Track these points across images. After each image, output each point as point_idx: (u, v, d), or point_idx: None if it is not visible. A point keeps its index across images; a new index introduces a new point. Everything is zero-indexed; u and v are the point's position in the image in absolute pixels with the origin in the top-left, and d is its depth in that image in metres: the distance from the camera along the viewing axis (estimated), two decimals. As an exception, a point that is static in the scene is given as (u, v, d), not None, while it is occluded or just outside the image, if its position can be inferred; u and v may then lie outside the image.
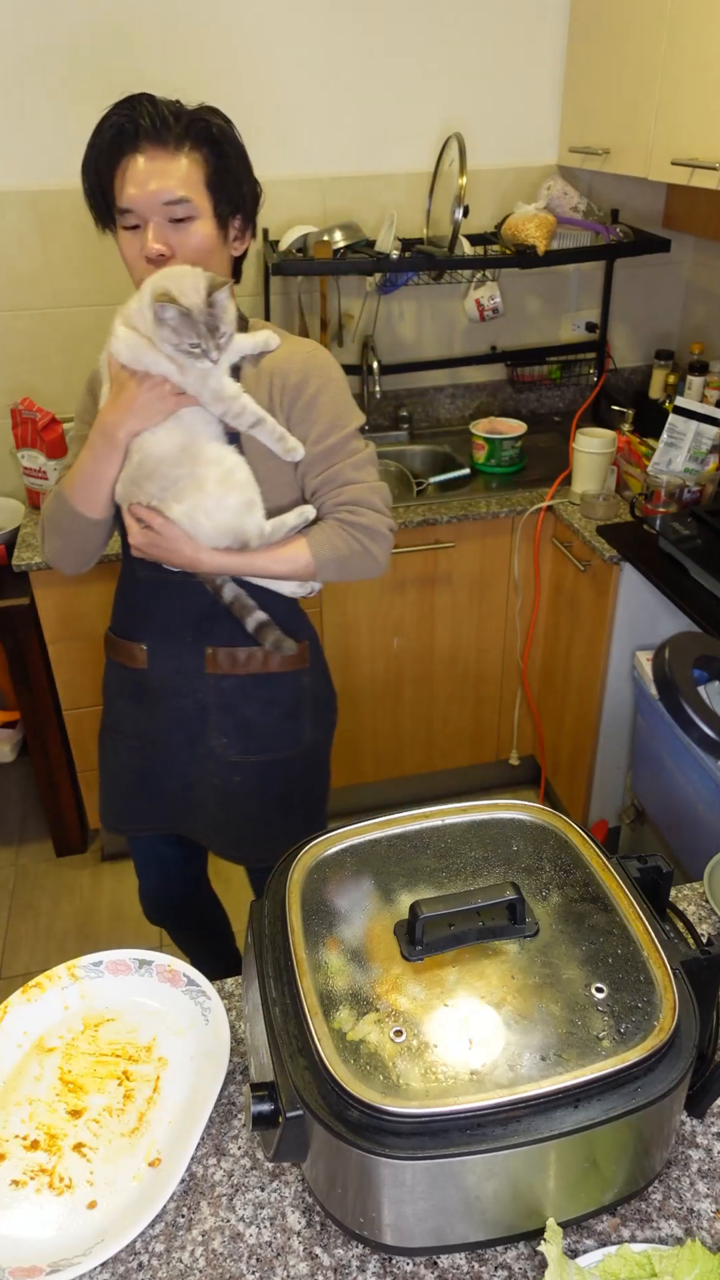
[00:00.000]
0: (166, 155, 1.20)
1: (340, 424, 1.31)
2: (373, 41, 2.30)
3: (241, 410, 1.24)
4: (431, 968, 0.79)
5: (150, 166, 1.20)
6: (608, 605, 2.14)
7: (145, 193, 1.20)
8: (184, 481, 1.25)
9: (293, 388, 1.28)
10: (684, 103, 1.94)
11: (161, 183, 1.20)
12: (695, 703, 0.90)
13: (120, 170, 1.21)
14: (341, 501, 1.32)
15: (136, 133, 1.20)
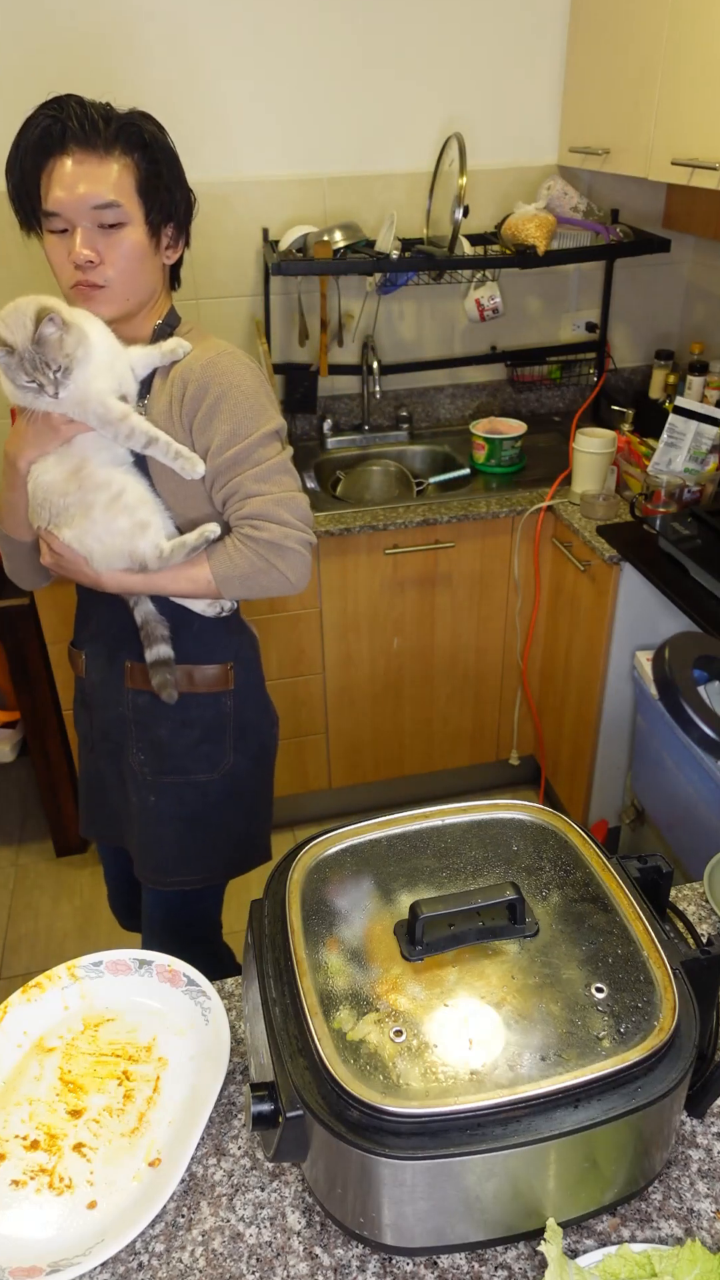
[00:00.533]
0: (96, 159, 1.17)
1: (242, 432, 1.25)
2: (373, 41, 2.30)
3: (131, 431, 1.21)
4: (431, 968, 0.79)
5: (79, 170, 1.17)
6: (608, 605, 2.14)
7: (74, 196, 1.16)
8: (72, 508, 1.24)
9: (191, 397, 1.24)
10: (684, 103, 1.94)
11: (91, 186, 1.17)
12: (695, 703, 0.90)
13: (47, 172, 1.18)
14: (244, 515, 1.27)
15: (64, 134, 1.17)
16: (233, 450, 1.25)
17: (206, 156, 2.32)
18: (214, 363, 1.25)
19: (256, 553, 1.27)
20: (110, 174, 1.18)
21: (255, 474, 1.26)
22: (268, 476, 1.26)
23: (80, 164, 1.17)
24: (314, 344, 2.56)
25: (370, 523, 2.20)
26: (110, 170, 1.18)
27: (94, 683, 1.46)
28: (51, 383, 1.14)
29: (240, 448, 1.25)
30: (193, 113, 2.26)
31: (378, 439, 2.70)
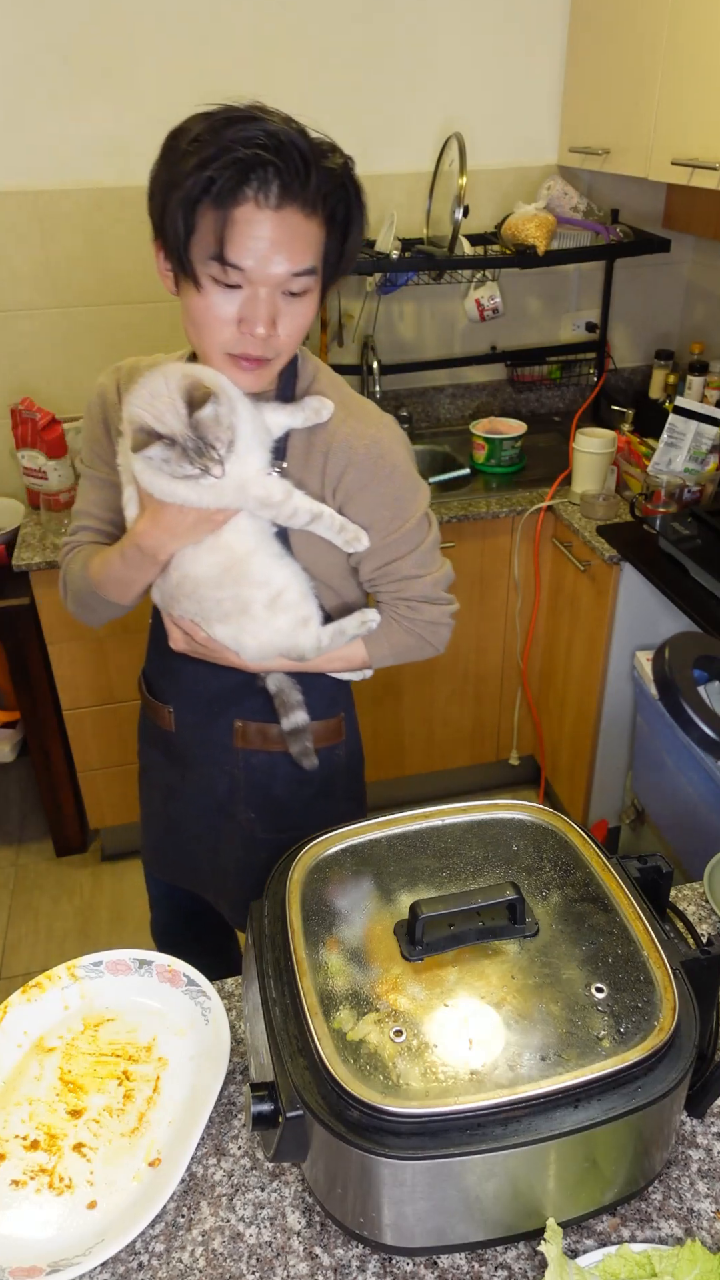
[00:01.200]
0: (302, 216, 0.96)
1: (403, 515, 1.16)
2: (373, 41, 2.30)
3: (294, 512, 1.10)
4: (431, 968, 0.79)
5: (284, 228, 0.95)
6: (608, 605, 2.14)
7: (270, 258, 0.96)
8: (227, 604, 1.13)
9: (354, 480, 1.13)
10: (684, 103, 1.94)
11: (293, 251, 0.97)
12: (695, 703, 0.90)
13: (236, 219, 0.94)
14: (403, 597, 1.22)
15: (273, 177, 0.94)
16: (394, 535, 1.17)
17: (206, 156, 2.32)
18: (378, 442, 1.13)
19: (412, 632, 1.23)
20: (312, 234, 0.98)
21: (415, 558, 1.19)
22: (425, 559, 1.21)
23: (286, 222, 0.96)
24: (314, 344, 2.56)
25: (370, 523, 2.20)
26: (312, 230, 0.98)
27: (188, 740, 1.35)
28: (219, 462, 1.00)
29: (401, 532, 1.17)
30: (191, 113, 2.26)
31: (378, 439, 2.69)
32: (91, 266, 2.36)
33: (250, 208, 0.94)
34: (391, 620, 1.23)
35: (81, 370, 2.48)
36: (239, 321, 1.00)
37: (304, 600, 1.17)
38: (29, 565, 2.09)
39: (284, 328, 1.02)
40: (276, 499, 1.09)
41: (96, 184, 2.28)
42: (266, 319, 0.99)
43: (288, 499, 1.10)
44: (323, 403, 1.12)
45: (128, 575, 1.15)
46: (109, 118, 2.23)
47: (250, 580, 1.13)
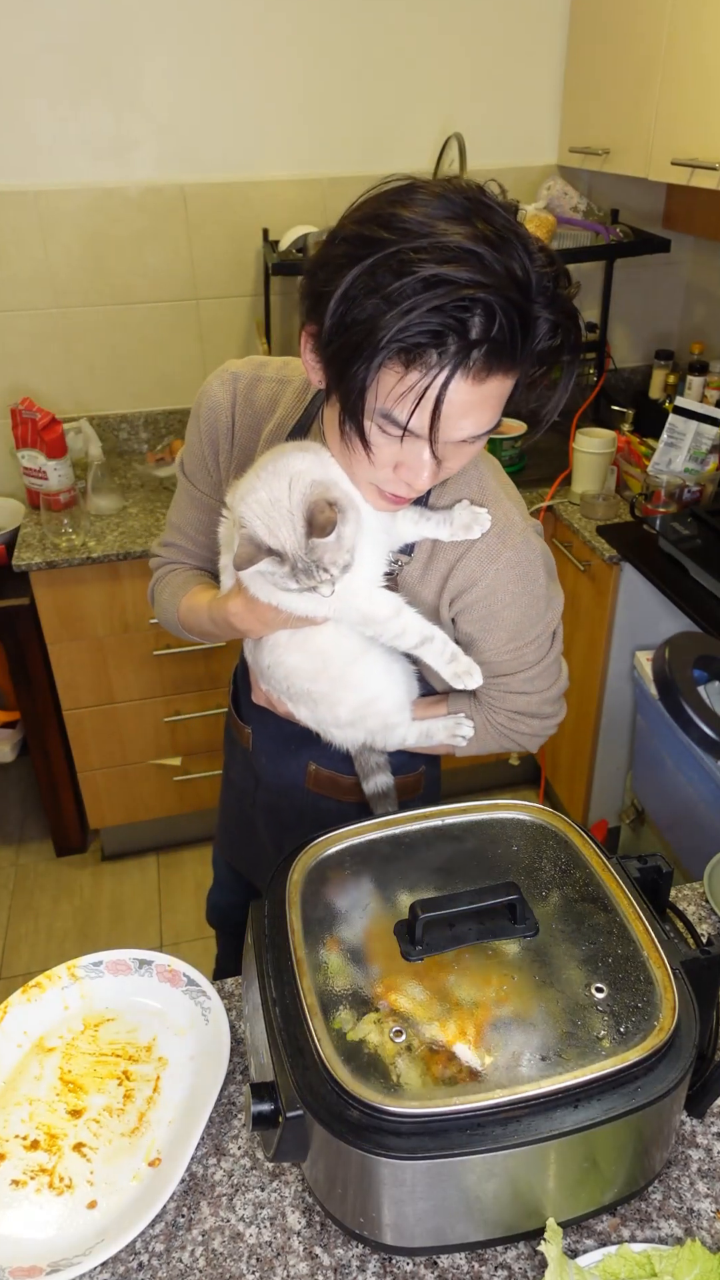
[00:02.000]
0: (498, 380, 0.81)
1: (524, 636, 1.06)
2: (373, 42, 2.30)
3: (401, 631, 0.99)
4: (431, 968, 0.79)
5: (477, 399, 0.81)
6: (608, 605, 2.14)
7: (450, 429, 0.83)
8: (316, 696, 1.07)
9: (478, 601, 1.02)
10: (684, 103, 1.94)
11: (479, 417, 0.83)
12: (695, 703, 0.90)
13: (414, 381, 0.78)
14: (508, 709, 1.13)
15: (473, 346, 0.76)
16: (507, 656, 1.07)
17: (207, 157, 2.32)
18: (511, 564, 1.01)
19: (507, 737, 1.15)
20: (504, 392, 0.84)
21: (527, 676, 1.10)
22: (539, 677, 1.11)
23: (483, 392, 0.81)
24: (314, 344, 2.56)
25: (370, 523, 2.20)
26: (506, 388, 0.84)
27: (263, 765, 1.29)
28: (330, 582, 0.90)
29: (514, 653, 1.07)
30: (193, 112, 2.26)
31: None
32: (91, 266, 2.36)
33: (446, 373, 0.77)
34: (487, 724, 1.14)
35: (81, 370, 2.48)
36: (396, 466, 0.88)
37: (397, 711, 1.09)
38: (29, 565, 2.09)
39: (445, 472, 0.90)
40: (382, 616, 0.99)
41: (96, 184, 2.28)
42: (432, 474, 0.87)
43: (395, 617, 0.99)
44: (476, 516, 0.99)
45: (215, 634, 1.12)
46: (109, 118, 2.23)
47: (345, 684, 1.05)
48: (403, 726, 1.11)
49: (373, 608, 0.98)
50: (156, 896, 2.50)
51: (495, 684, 1.11)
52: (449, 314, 0.74)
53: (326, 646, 1.02)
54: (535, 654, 1.09)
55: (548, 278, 0.78)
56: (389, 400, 0.80)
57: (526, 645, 1.07)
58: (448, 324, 0.74)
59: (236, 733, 1.34)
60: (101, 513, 2.29)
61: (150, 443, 2.61)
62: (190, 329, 2.48)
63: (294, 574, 0.89)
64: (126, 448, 2.61)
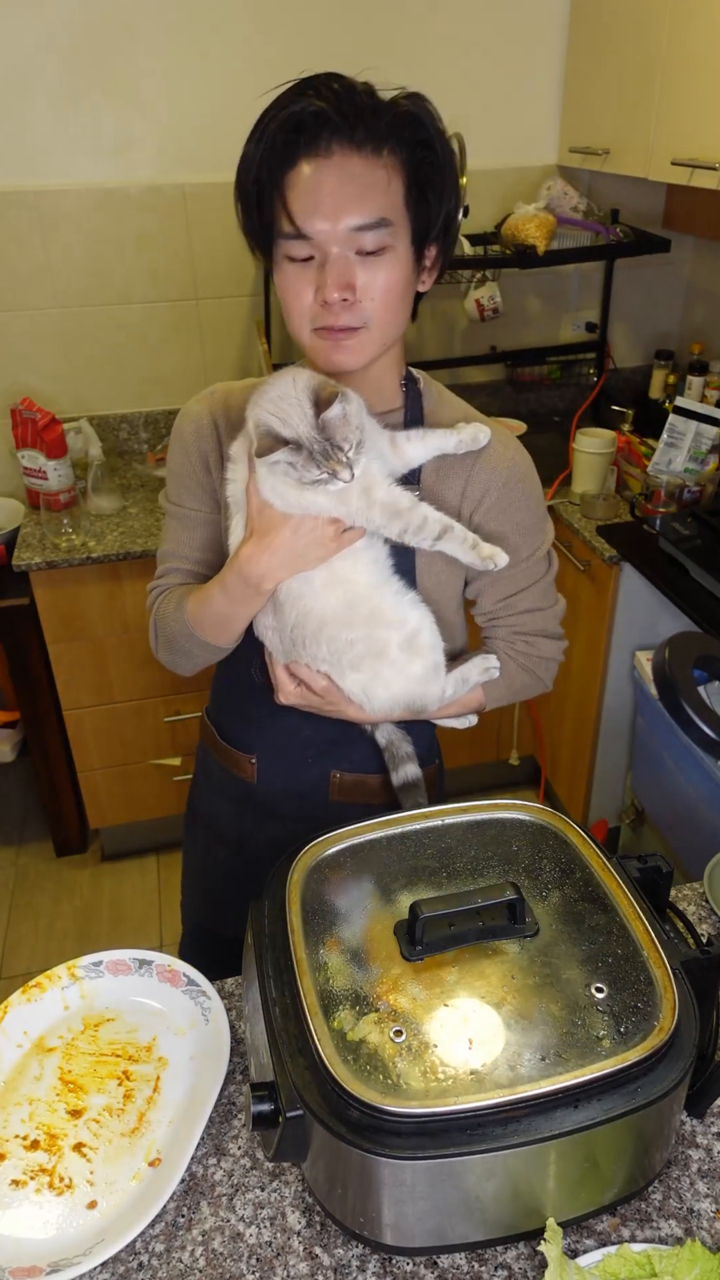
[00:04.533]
0: (362, 161, 0.89)
1: (534, 543, 1.11)
2: (373, 41, 2.30)
3: (423, 522, 0.99)
4: (431, 968, 0.79)
5: (339, 176, 0.88)
6: (608, 605, 2.14)
7: (330, 214, 0.89)
8: (360, 646, 1.03)
9: (493, 507, 1.07)
10: (684, 103, 1.94)
11: (356, 201, 0.89)
12: (695, 703, 0.90)
13: (292, 182, 0.89)
14: (522, 631, 1.16)
15: (322, 127, 0.87)
16: (521, 565, 1.11)
17: (207, 157, 2.32)
18: (515, 467, 1.07)
19: (529, 670, 1.18)
20: (380, 181, 0.90)
21: (538, 589, 1.15)
22: (548, 592, 1.17)
23: (340, 168, 0.88)
24: (314, 344, 2.56)
25: (370, 523, 2.20)
26: (380, 175, 0.89)
27: (274, 792, 1.24)
28: (347, 465, 0.93)
29: (527, 564, 1.12)
30: (193, 112, 2.26)
31: (378, 439, 2.69)
32: (91, 266, 2.36)
33: (303, 165, 0.88)
34: (508, 659, 1.17)
35: (81, 370, 2.48)
36: (316, 292, 0.93)
37: (438, 643, 1.07)
38: (29, 565, 2.09)
39: (366, 291, 0.93)
40: (403, 506, 0.99)
41: (96, 184, 2.28)
42: (338, 281, 0.91)
43: (415, 508, 0.99)
44: (480, 429, 1.05)
45: (228, 611, 1.05)
46: (109, 118, 2.23)
47: (383, 619, 1.03)
48: (444, 669, 1.09)
49: (393, 499, 0.99)
50: (156, 896, 2.50)
51: (510, 604, 1.15)
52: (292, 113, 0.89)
53: (346, 574, 1.01)
54: (543, 564, 1.15)
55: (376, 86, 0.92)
56: (281, 221, 0.92)
57: (538, 553, 1.13)
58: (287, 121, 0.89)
59: (232, 768, 1.25)
60: (101, 513, 2.29)
61: (150, 443, 2.61)
62: (190, 329, 2.48)
63: (313, 460, 0.92)
64: (126, 448, 2.61)
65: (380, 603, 1.03)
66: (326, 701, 1.09)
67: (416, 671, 1.06)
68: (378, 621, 1.03)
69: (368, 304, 0.94)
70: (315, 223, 0.89)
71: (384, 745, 1.18)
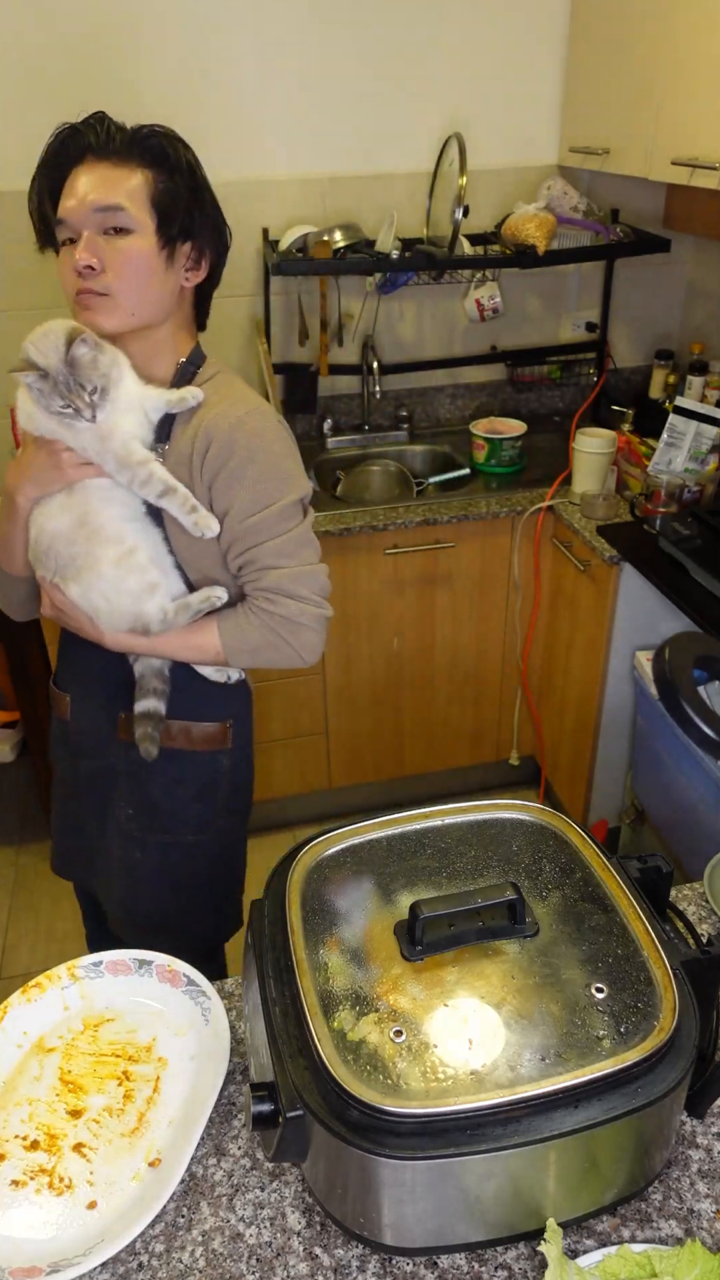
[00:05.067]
0: (109, 166, 1.13)
1: (264, 500, 1.19)
2: (373, 41, 2.30)
3: (148, 478, 1.15)
4: (431, 968, 0.79)
5: (90, 177, 1.13)
6: (608, 605, 2.14)
7: (81, 201, 1.12)
8: (79, 560, 1.18)
9: (214, 456, 1.17)
10: (684, 103, 1.94)
11: (100, 191, 1.12)
12: (695, 703, 0.90)
13: (65, 187, 1.15)
14: (261, 587, 1.22)
15: (82, 147, 1.14)
16: (253, 518, 1.19)
17: (207, 156, 2.31)
18: (242, 423, 1.18)
19: (269, 627, 1.22)
20: (122, 179, 1.13)
21: (275, 546, 1.20)
22: (288, 549, 1.21)
23: (92, 172, 1.13)
24: (314, 344, 2.56)
25: (370, 523, 2.20)
26: (123, 176, 1.13)
27: (80, 729, 1.39)
28: (88, 405, 1.09)
29: (261, 516, 1.19)
30: (193, 112, 2.26)
31: (378, 439, 2.70)
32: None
33: (69, 175, 1.15)
34: (249, 613, 1.23)
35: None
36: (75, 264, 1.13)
37: (154, 565, 1.20)
38: (29, 565, 2.09)
39: (112, 263, 1.13)
40: (134, 460, 1.14)
41: (96, 184, 2.28)
42: (86, 251, 1.12)
43: (144, 464, 1.14)
44: (193, 392, 1.19)
45: (7, 530, 1.23)
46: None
47: (102, 537, 1.18)
48: (162, 590, 1.21)
49: (127, 453, 1.14)
50: (156, 896, 2.50)
51: (248, 559, 1.21)
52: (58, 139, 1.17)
53: (83, 499, 1.17)
54: (282, 523, 1.20)
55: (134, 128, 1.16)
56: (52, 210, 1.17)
57: (270, 510, 1.19)
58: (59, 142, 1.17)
59: (57, 708, 1.43)
60: (101, 513, 2.29)
61: (150, 443, 2.60)
62: (190, 329, 2.48)
63: (56, 389, 1.09)
64: (126, 448, 2.60)
65: (104, 524, 1.18)
66: (67, 615, 1.24)
67: (131, 586, 1.19)
68: (96, 539, 1.18)
69: (111, 275, 1.13)
70: (69, 209, 1.13)
71: (138, 676, 1.30)
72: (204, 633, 1.23)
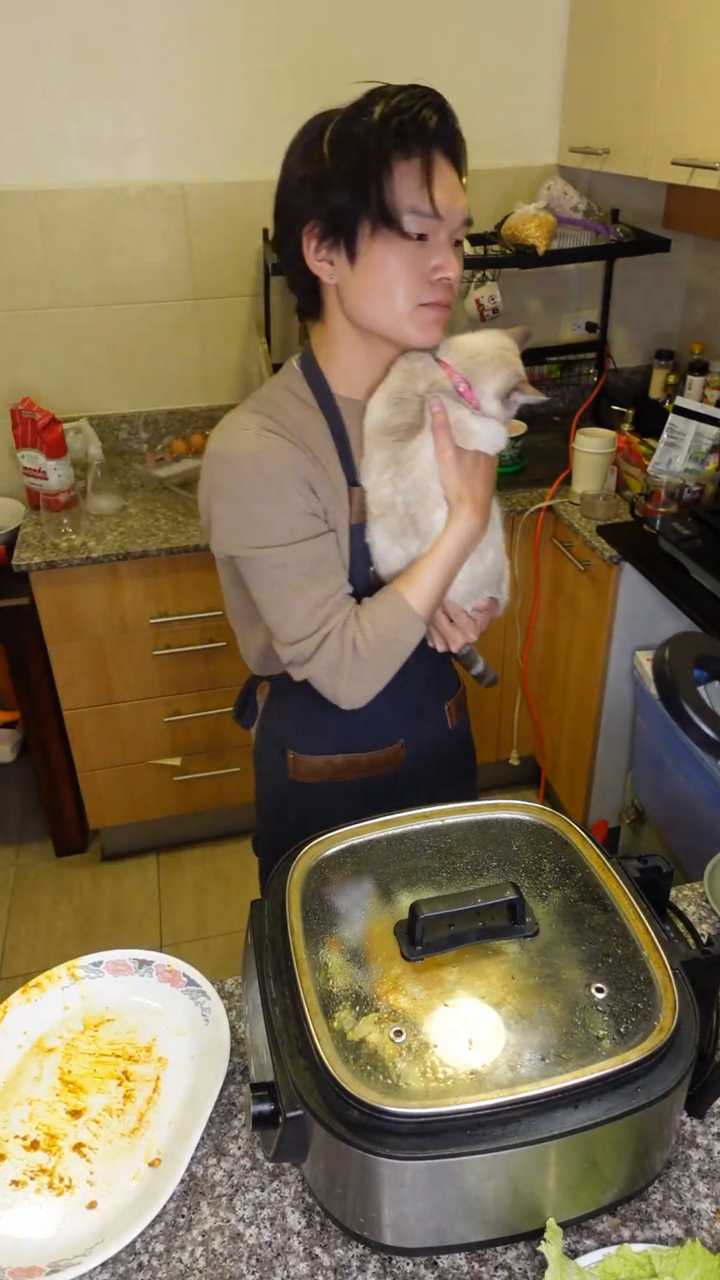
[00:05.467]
0: (448, 163, 1.06)
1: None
2: (372, 41, 2.30)
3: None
4: (431, 968, 0.79)
5: (452, 176, 1.04)
6: (608, 605, 2.14)
7: (455, 203, 1.03)
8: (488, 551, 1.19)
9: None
10: (684, 103, 1.94)
11: (462, 199, 1.05)
12: (695, 703, 0.90)
13: (416, 166, 1.01)
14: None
15: (444, 132, 1.04)
16: None
17: (207, 157, 2.32)
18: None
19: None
20: (453, 178, 1.06)
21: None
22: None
23: (452, 170, 1.05)
24: (314, 344, 2.56)
25: (370, 523, 2.20)
26: (451, 174, 1.06)
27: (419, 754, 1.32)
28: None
29: None
30: (192, 113, 2.26)
31: (378, 439, 2.69)
32: (91, 266, 2.36)
33: (428, 158, 1.02)
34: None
35: (81, 370, 2.48)
36: (432, 270, 1.04)
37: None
38: (29, 565, 2.09)
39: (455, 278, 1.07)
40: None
41: (96, 184, 2.28)
42: (457, 262, 1.05)
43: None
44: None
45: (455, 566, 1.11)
46: (109, 118, 2.23)
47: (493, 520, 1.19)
48: None
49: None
50: (156, 896, 2.50)
51: None
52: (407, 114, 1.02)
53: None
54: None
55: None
56: (413, 188, 1.01)
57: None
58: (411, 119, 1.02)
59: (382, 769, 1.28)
60: (101, 513, 2.29)
61: (150, 443, 2.61)
62: (190, 329, 2.48)
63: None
64: (126, 448, 2.61)
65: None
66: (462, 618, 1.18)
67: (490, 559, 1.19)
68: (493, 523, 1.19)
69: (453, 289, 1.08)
70: (445, 205, 1.01)
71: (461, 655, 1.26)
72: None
